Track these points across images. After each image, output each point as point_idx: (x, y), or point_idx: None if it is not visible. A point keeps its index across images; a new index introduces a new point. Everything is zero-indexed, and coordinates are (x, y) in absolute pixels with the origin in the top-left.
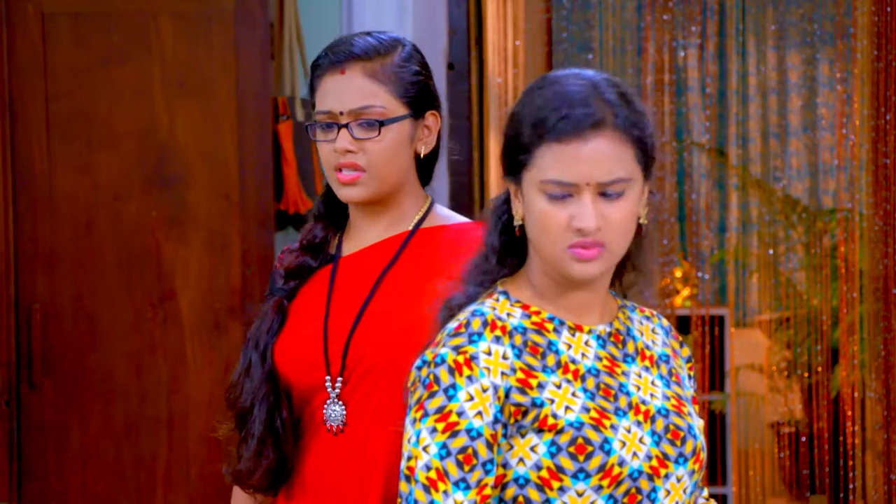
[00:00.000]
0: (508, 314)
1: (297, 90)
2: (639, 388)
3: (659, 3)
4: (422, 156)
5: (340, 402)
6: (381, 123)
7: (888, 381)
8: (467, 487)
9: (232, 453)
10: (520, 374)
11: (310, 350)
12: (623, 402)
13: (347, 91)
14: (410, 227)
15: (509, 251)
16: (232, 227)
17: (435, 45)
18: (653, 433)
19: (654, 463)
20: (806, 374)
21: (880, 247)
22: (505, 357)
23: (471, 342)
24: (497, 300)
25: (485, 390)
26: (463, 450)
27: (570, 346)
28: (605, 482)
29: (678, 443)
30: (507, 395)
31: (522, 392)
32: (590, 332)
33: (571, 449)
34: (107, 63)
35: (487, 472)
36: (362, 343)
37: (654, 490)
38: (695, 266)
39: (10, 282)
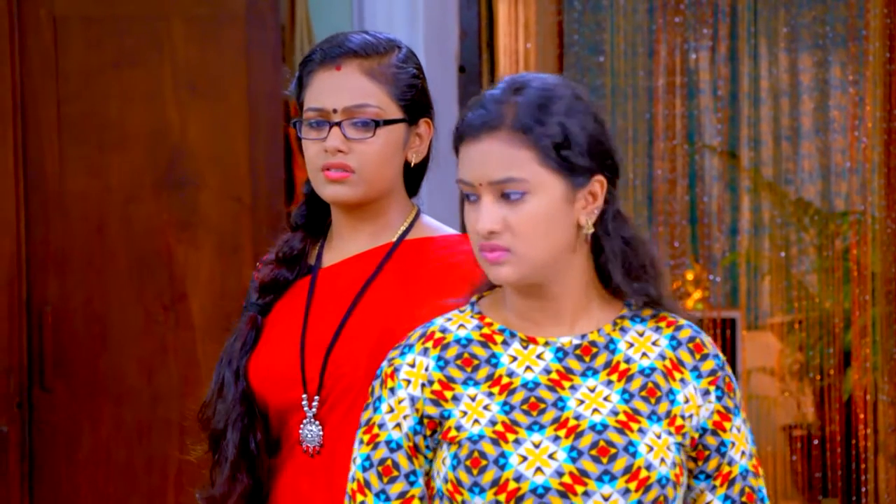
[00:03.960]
0: (461, 325)
1: None
2: (581, 403)
3: (670, 5)
4: (412, 164)
5: (317, 422)
6: (377, 124)
7: None
8: (387, 499)
9: (205, 476)
10: (436, 387)
11: (285, 367)
12: (549, 416)
13: (342, 88)
14: (395, 239)
15: None
16: (243, 230)
17: (446, 48)
18: (571, 449)
19: (567, 479)
20: (818, 377)
21: (892, 249)
22: (426, 369)
23: (401, 354)
24: (462, 311)
25: (400, 402)
26: (382, 461)
27: (514, 359)
28: (502, 497)
29: (604, 460)
30: (424, 407)
31: (436, 404)
32: (546, 344)
33: (468, 462)
34: (118, 66)
35: (412, 484)
36: (341, 360)
37: None
38: (706, 269)
39: (22, 284)
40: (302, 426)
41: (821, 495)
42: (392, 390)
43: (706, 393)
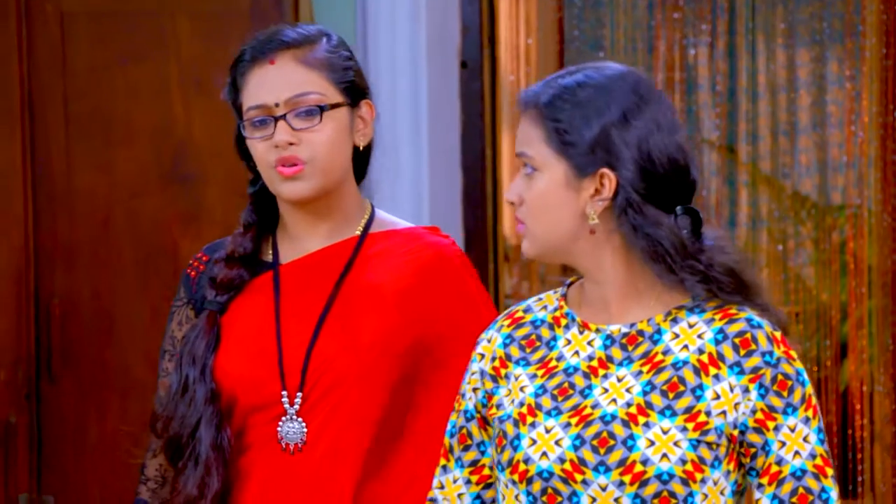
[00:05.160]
0: (544, 306)
1: None
2: (605, 392)
3: (669, 1)
4: (361, 148)
5: (299, 419)
6: (322, 109)
7: None
8: (462, 466)
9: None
10: (496, 363)
11: (261, 365)
12: (570, 403)
13: (280, 80)
14: (358, 232)
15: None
16: None
17: (448, 43)
18: (577, 437)
19: (568, 467)
20: (815, 369)
21: (889, 242)
22: (495, 345)
23: (487, 329)
24: (555, 291)
25: (473, 374)
26: (460, 429)
27: (568, 343)
28: (515, 477)
29: (602, 451)
30: (485, 382)
31: (493, 380)
32: (597, 330)
33: (496, 441)
34: (125, 62)
35: (483, 454)
36: (327, 355)
37: (574, 494)
38: None
39: (30, 277)
40: (281, 423)
41: None
42: (471, 362)
43: (746, 390)
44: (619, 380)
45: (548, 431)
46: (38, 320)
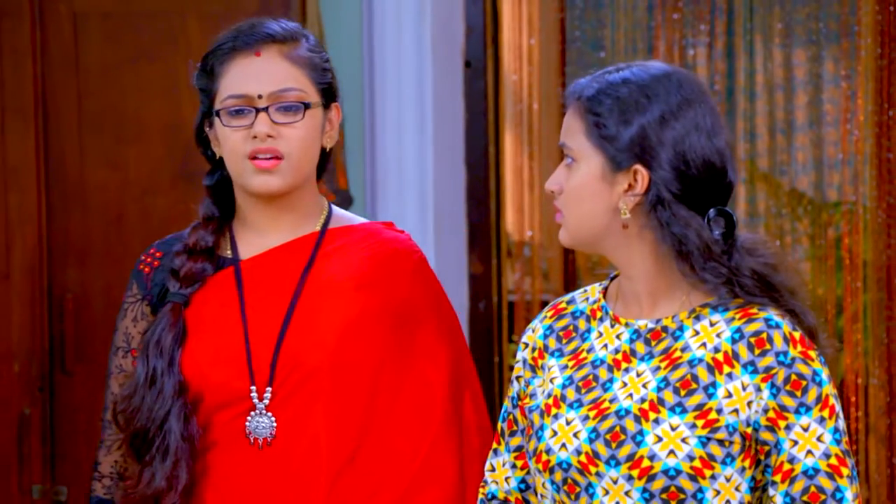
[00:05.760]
0: (586, 298)
1: None
2: (624, 386)
3: (669, 3)
4: (327, 149)
5: (268, 414)
6: (307, 106)
7: (891, 369)
8: (509, 450)
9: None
10: (535, 353)
11: (229, 360)
12: (591, 395)
13: (265, 73)
14: (318, 228)
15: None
16: None
17: (452, 43)
18: (593, 430)
19: (584, 459)
20: None
21: (883, 238)
22: (536, 335)
23: (534, 319)
24: (601, 283)
25: (517, 362)
26: (508, 414)
27: (599, 336)
28: (539, 466)
29: (614, 445)
30: (525, 371)
31: (532, 369)
32: (626, 325)
33: (526, 429)
34: (136, 61)
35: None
36: (298, 349)
37: (590, 485)
38: None
39: (44, 272)
40: (249, 418)
41: None
42: (518, 350)
43: (758, 389)
44: (639, 374)
45: (568, 423)
46: (51, 314)
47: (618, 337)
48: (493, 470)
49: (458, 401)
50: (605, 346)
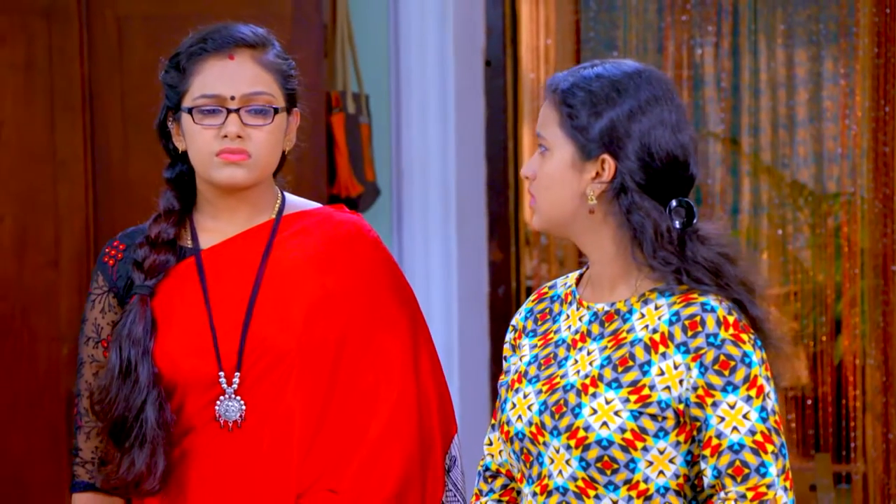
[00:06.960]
0: (564, 283)
1: (349, 85)
2: (574, 364)
3: (678, 5)
4: (286, 152)
5: (238, 398)
6: (276, 111)
7: (887, 350)
8: (493, 429)
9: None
10: (515, 335)
11: (197, 348)
12: (548, 372)
13: (238, 76)
14: (273, 215)
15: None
16: None
17: (473, 44)
18: (542, 403)
19: (533, 430)
20: (811, 344)
21: (880, 227)
22: (519, 318)
23: (524, 303)
24: (579, 271)
25: (505, 343)
26: (498, 396)
27: (567, 318)
28: (503, 436)
29: (557, 416)
30: (507, 352)
31: (512, 349)
32: (588, 308)
33: (495, 405)
34: None
35: None
36: (265, 334)
37: (540, 455)
38: None
39: (91, 260)
40: (219, 403)
41: (813, 450)
42: (507, 332)
43: (688, 368)
44: (589, 353)
45: (525, 397)
46: None
47: (580, 319)
48: (490, 444)
49: (416, 364)
50: (570, 327)
